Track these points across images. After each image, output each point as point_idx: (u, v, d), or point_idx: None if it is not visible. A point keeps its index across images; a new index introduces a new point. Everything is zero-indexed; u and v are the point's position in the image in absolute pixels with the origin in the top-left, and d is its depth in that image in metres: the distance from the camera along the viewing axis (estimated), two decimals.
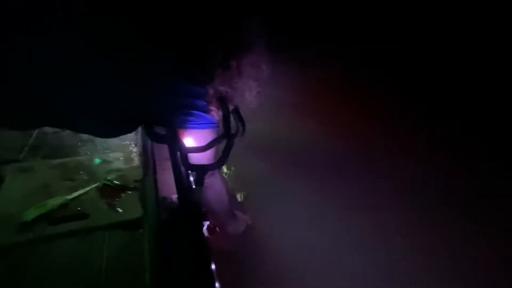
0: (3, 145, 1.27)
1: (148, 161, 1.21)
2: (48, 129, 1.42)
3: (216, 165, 0.72)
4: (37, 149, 1.28)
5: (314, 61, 4.55)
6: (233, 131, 0.74)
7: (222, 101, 0.70)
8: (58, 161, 1.22)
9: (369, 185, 2.35)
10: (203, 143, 0.80)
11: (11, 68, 0.71)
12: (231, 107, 0.73)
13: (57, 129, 1.43)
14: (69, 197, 1.04)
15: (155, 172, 1.04)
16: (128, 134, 1.46)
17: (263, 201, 1.97)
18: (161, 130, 0.76)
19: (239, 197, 1.81)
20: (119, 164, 1.25)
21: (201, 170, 0.70)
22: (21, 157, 1.22)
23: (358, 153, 2.72)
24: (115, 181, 1.14)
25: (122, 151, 1.34)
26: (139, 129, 1.51)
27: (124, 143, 1.40)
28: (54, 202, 1.00)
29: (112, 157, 1.28)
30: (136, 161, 1.30)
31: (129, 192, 1.11)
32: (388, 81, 4.10)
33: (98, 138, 1.40)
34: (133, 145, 1.40)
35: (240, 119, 0.68)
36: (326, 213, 2.02)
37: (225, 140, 0.71)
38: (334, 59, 4.63)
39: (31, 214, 0.94)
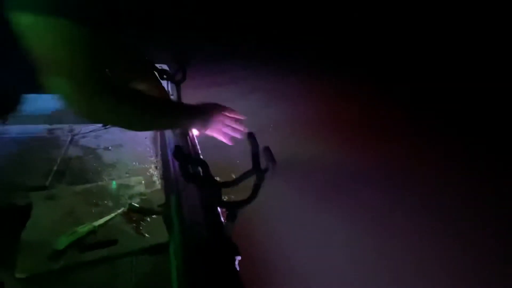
0: (29, 170, 1.31)
1: (171, 185, 1.24)
2: (71, 153, 1.46)
3: (248, 201, 0.73)
4: (62, 174, 1.32)
5: (329, 75, 4.66)
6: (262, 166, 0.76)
7: (252, 137, 0.73)
8: (82, 187, 1.25)
9: (386, 196, 2.41)
10: None
11: None
12: (262, 145, 0.75)
13: (79, 154, 1.47)
14: (97, 223, 1.06)
15: (179, 197, 1.07)
16: (149, 157, 1.50)
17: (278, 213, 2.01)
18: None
19: None
20: (141, 188, 1.28)
21: (234, 207, 0.72)
22: (47, 183, 1.25)
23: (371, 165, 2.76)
24: (139, 206, 1.17)
25: (143, 175, 1.37)
26: (159, 151, 1.55)
27: (144, 166, 1.44)
28: (83, 229, 1.02)
29: (133, 181, 1.31)
30: (158, 184, 1.32)
31: (154, 216, 1.14)
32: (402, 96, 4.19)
33: (119, 163, 1.44)
34: (154, 168, 1.43)
35: (270, 157, 0.70)
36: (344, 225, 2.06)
37: (254, 175, 0.73)
38: (349, 75, 4.74)
39: (62, 242, 0.96)
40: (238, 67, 4.86)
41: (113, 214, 1.12)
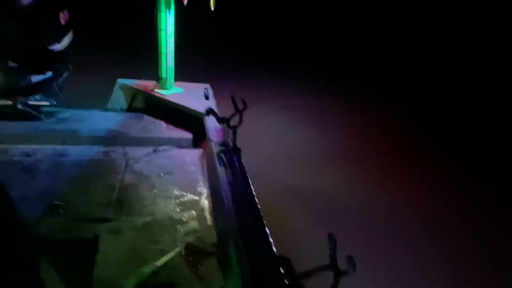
0: (91, 199, 1.41)
1: (225, 223, 1.29)
2: (127, 181, 1.55)
3: None
4: (121, 204, 1.40)
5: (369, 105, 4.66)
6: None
7: (332, 240, 0.76)
8: (141, 220, 1.33)
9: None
10: None
11: None
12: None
13: (135, 181, 1.56)
14: (159, 263, 1.15)
15: (234, 237, 1.12)
16: (198, 188, 1.57)
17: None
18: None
19: None
20: (194, 225, 1.34)
21: None
22: (109, 214, 1.34)
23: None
24: (194, 245, 1.24)
25: (195, 208, 1.45)
26: (208, 182, 1.62)
27: (195, 198, 1.51)
28: (147, 270, 1.11)
29: (187, 216, 1.39)
30: (209, 220, 1.39)
31: (209, 258, 1.21)
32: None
33: (172, 192, 1.52)
34: (204, 200, 1.50)
35: (352, 264, 0.72)
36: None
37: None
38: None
39: (131, 284, 1.05)
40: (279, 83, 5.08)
41: (172, 253, 1.20)
